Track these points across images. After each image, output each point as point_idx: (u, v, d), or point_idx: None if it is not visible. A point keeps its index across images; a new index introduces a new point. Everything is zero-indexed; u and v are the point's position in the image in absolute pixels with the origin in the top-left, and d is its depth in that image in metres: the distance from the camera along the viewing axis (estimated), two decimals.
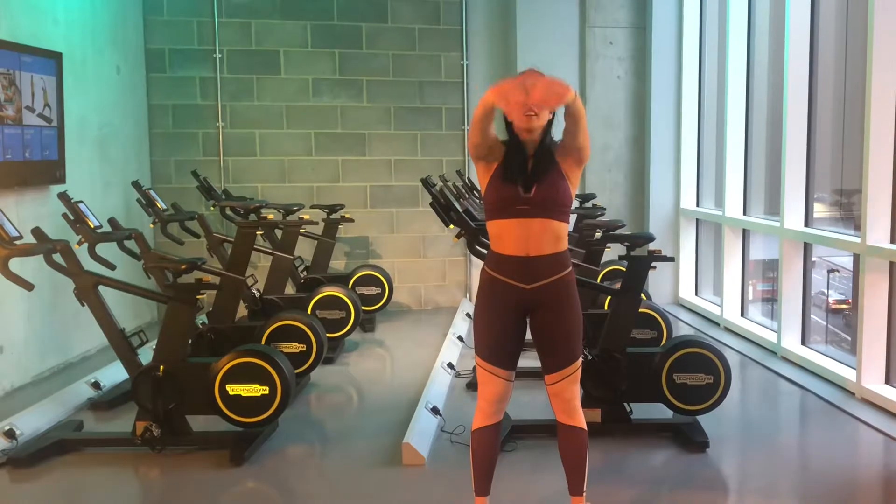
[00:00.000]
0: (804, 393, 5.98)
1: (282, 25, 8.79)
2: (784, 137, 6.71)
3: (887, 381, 5.68)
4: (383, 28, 8.92)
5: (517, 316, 3.51)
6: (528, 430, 4.96)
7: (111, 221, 5.90)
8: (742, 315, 7.94)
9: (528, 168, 3.40)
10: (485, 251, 3.68)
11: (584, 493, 3.64)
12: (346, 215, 8.24)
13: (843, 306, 7.03)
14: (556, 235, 3.47)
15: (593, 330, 5.26)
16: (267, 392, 4.74)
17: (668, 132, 9.00)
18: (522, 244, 3.43)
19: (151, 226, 7.24)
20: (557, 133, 3.56)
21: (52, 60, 6.50)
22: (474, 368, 3.55)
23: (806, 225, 6.73)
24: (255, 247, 6.37)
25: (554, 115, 3.52)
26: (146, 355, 5.06)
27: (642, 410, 5.09)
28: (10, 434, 4.82)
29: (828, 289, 7.10)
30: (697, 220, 8.98)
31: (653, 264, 4.96)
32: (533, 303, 3.48)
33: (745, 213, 7.89)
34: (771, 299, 8.06)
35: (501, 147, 3.48)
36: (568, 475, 3.64)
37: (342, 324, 6.93)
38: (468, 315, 8.01)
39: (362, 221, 8.89)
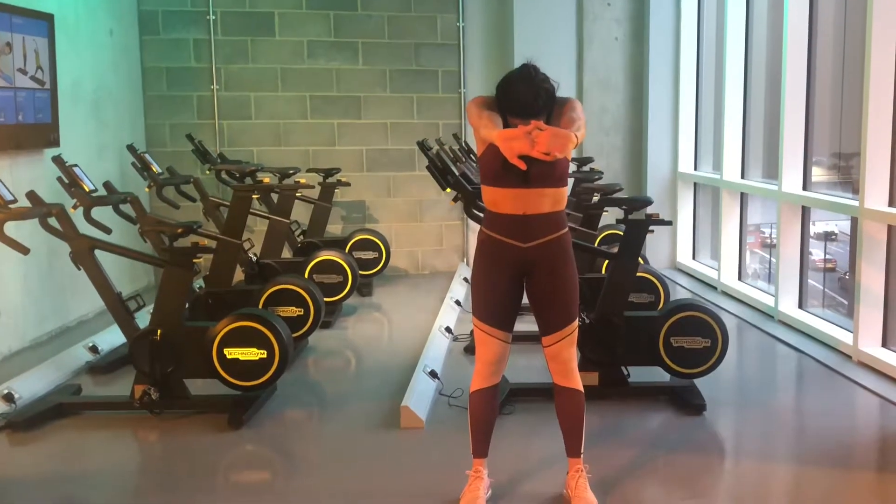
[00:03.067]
0: (801, 356, 6.00)
1: None
2: (782, 100, 6.66)
3: (884, 345, 5.69)
4: None
5: (514, 276, 3.51)
6: (525, 394, 4.98)
7: (106, 185, 5.86)
8: (739, 279, 7.94)
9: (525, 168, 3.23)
10: (482, 214, 3.68)
11: (582, 455, 3.67)
12: (343, 179, 8.21)
13: (830, 266, 7.05)
14: (553, 199, 3.46)
15: (591, 294, 5.26)
16: (265, 356, 4.74)
17: (666, 95, 8.94)
18: (519, 205, 3.42)
19: (147, 189, 7.19)
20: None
21: (44, 22, 6.42)
22: (472, 332, 3.56)
23: (804, 188, 6.71)
24: (251, 211, 6.35)
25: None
26: (143, 319, 5.05)
27: (640, 373, 5.10)
28: (8, 398, 4.83)
29: (825, 253, 7.12)
30: (695, 183, 8.95)
31: (650, 228, 4.95)
32: (529, 262, 3.47)
33: (743, 177, 7.87)
34: (753, 251, 8.09)
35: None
36: (565, 437, 3.66)
37: (339, 288, 6.93)
38: (465, 279, 8.00)
39: (359, 185, 8.85)
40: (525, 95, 3.31)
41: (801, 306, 6.81)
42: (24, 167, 6.21)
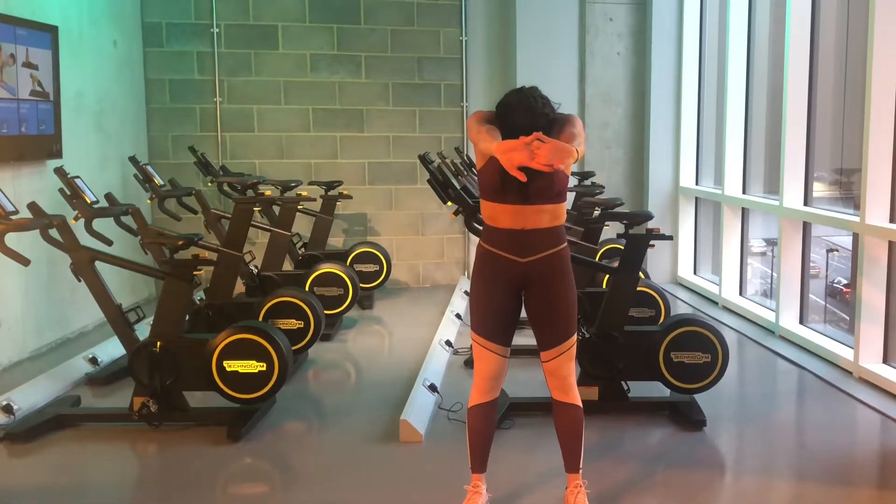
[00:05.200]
0: (802, 372, 5.99)
1: None
2: (784, 116, 6.67)
3: (885, 361, 5.68)
4: (382, 3, 8.84)
5: (512, 290, 3.51)
6: (525, 408, 4.97)
7: (108, 197, 5.88)
8: (740, 294, 7.93)
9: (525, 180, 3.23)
10: (482, 228, 3.70)
11: (581, 470, 3.66)
12: (345, 192, 8.21)
13: (813, 272, 7.05)
14: (552, 215, 3.47)
15: (591, 308, 5.25)
16: (264, 368, 4.73)
17: (668, 109, 8.96)
18: (518, 220, 3.42)
19: (149, 201, 7.21)
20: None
21: (48, 34, 6.44)
22: (471, 346, 3.58)
23: (805, 204, 6.71)
24: (252, 223, 6.35)
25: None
26: (143, 331, 5.05)
27: (640, 388, 5.09)
28: (7, 409, 4.82)
29: (831, 261, 7.11)
30: (696, 198, 8.95)
31: (651, 243, 4.95)
32: (528, 277, 3.47)
33: (744, 192, 7.87)
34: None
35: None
36: (564, 452, 3.65)
37: (340, 301, 6.92)
38: (466, 293, 7.99)
39: (360, 198, 8.85)
40: (524, 123, 3.32)
41: (802, 322, 6.80)
42: (27, 178, 6.22)
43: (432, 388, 5.26)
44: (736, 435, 4.90)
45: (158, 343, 4.71)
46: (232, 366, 4.72)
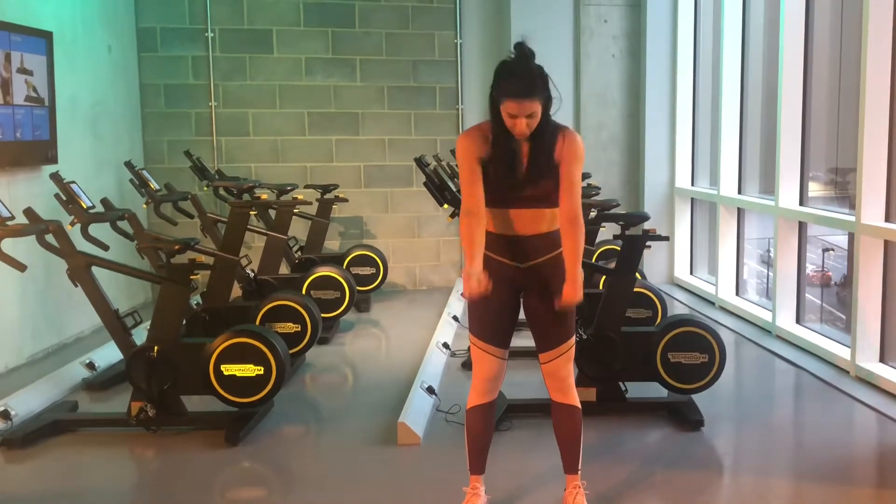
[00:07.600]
0: (799, 371, 5.99)
1: (274, 3, 8.72)
2: (779, 115, 6.68)
3: (882, 360, 5.69)
4: (376, 6, 8.86)
5: (510, 294, 3.51)
6: (523, 410, 4.96)
7: (104, 202, 5.87)
8: (737, 294, 7.94)
9: (521, 174, 3.34)
10: None
11: (579, 471, 3.66)
12: (340, 195, 8.22)
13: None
14: (550, 219, 3.46)
15: (588, 309, 5.25)
16: (262, 372, 4.73)
17: (663, 111, 8.97)
18: (516, 226, 3.43)
19: (144, 206, 7.20)
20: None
21: (43, 39, 6.44)
22: (469, 348, 3.58)
23: (801, 204, 6.72)
24: (248, 227, 6.35)
25: (550, 102, 3.46)
26: (140, 336, 5.04)
27: (637, 389, 5.09)
28: (4, 415, 4.81)
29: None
30: (692, 199, 8.96)
31: (647, 244, 4.96)
32: (526, 282, 3.48)
33: (740, 192, 7.88)
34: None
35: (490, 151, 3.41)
36: (563, 453, 3.65)
37: (337, 304, 6.92)
38: (462, 295, 7.99)
39: (356, 201, 8.86)
40: (521, 89, 3.42)
41: (798, 321, 6.80)
42: (23, 184, 6.21)
43: (430, 390, 5.26)
44: (734, 435, 4.90)
45: (156, 347, 4.71)
46: (229, 370, 4.72)
